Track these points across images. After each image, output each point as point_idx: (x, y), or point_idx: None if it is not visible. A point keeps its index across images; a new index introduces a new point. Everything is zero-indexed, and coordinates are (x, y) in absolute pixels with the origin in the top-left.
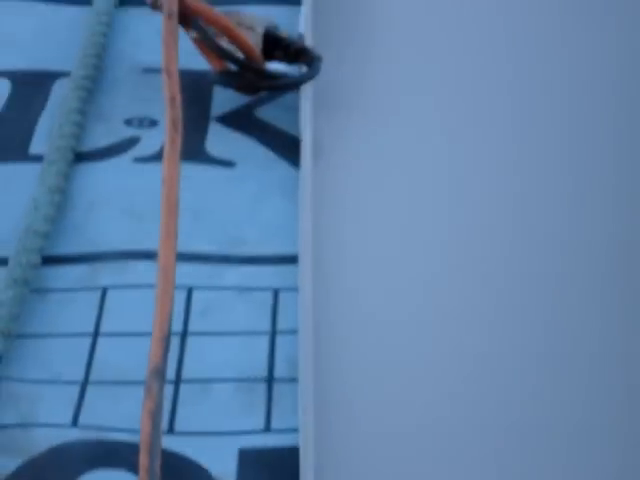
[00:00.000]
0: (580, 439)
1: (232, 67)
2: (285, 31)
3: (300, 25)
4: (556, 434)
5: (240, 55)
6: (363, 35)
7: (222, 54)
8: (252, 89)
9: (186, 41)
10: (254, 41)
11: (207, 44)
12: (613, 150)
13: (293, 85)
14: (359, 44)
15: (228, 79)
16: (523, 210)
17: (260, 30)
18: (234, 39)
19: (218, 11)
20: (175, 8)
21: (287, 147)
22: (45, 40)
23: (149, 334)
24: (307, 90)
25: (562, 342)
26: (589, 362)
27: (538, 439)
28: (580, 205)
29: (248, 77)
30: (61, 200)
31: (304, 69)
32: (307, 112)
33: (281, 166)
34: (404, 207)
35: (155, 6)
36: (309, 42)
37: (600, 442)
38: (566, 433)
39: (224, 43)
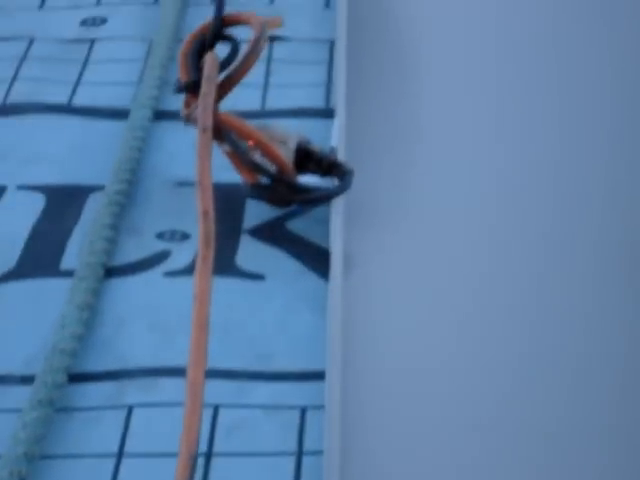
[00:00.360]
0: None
1: (264, 180)
2: (317, 145)
3: (333, 138)
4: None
5: (272, 169)
6: (394, 149)
7: (254, 167)
8: (284, 202)
9: (218, 154)
10: (286, 155)
11: (240, 157)
12: None
13: (325, 198)
14: (391, 158)
15: (260, 192)
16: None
17: (292, 144)
18: (266, 153)
19: (251, 125)
20: (210, 123)
21: (317, 260)
22: (80, 154)
23: (174, 454)
24: (338, 203)
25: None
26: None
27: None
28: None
29: (280, 190)
30: (90, 317)
31: (336, 182)
32: (338, 225)
33: (311, 279)
34: (435, 322)
35: (189, 120)
36: (341, 155)
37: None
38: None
39: (257, 156)
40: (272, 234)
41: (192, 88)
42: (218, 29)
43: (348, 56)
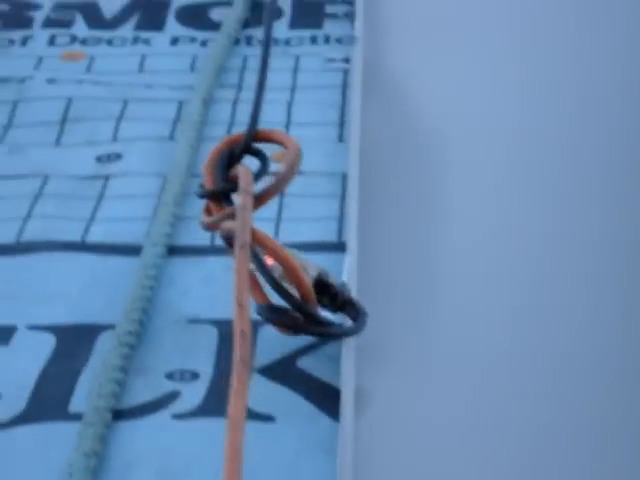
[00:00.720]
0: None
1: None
2: (335, 279)
3: (344, 273)
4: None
5: (295, 294)
6: (407, 284)
7: (279, 290)
8: (296, 330)
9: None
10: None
11: (266, 278)
12: None
13: (338, 336)
14: (403, 293)
15: (275, 315)
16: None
17: (313, 274)
18: (293, 277)
19: (283, 247)
20: (248, 238)
21: (329, 400)
22: (92, 292)
23: None
24: (350, 341)
25: None
26: None
27: None
28: None
29: (297, 318)
30: (97, 464)
31: (347, 319)
32: (349, 363)
33: (322, 420)
34: (454, 465)
35: (211, 228)
36: (353, 290)
37: None
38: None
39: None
40: (283, 373)
41: (217, 197)
42: (250, 142)
43: (360, 189)
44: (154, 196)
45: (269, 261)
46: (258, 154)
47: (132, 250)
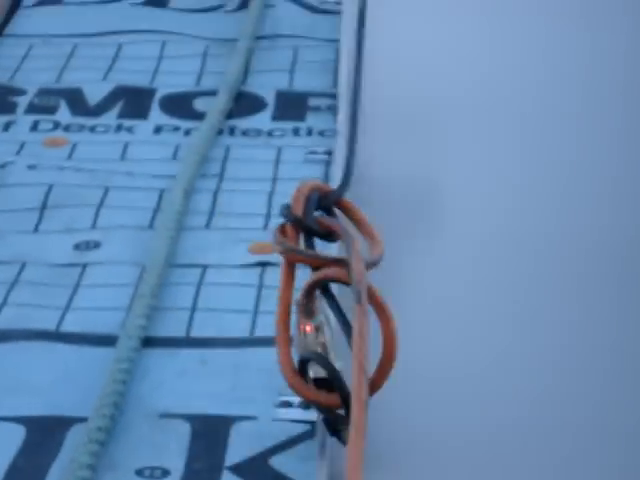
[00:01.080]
0: None
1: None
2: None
3: None
4: None
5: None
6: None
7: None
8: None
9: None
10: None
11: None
12: None
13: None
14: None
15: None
16: None
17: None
18: (389, 350)
19: None
20: (366, 299)
21: None
22: (64, 384)
23: None
24: (325, 441)
25: None
26: None
27: None
28: None
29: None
30: None
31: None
32: (324, 463)
33: None
34: None
35: (280, 251)
36: None
37: None
38: None
39: None
40: (254, 471)
41: (300, 226)
42: (334, 204)
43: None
44: (131, 285)
45: (308, 328)
46: (333, 214)
47: (107, 340)
